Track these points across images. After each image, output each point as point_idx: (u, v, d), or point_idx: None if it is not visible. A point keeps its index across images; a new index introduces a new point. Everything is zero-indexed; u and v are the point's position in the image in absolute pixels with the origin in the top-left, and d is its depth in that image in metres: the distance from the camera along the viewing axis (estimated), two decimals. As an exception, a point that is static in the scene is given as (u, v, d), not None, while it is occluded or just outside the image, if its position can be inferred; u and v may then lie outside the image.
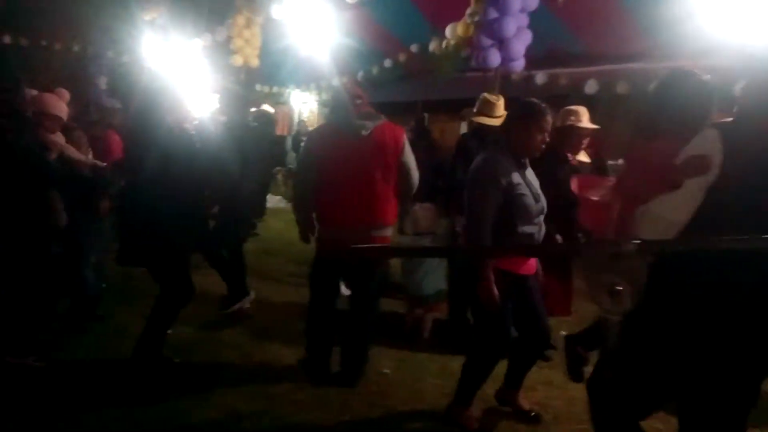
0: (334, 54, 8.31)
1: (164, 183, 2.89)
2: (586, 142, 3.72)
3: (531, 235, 2.72)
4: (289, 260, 6.31)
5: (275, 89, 12.80)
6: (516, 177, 2.67)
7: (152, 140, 2.89)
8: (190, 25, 8.99)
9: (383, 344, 4.02)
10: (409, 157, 3.31)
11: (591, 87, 7.73)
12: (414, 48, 9.08)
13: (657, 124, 2.08)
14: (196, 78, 10.65)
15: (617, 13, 7.28)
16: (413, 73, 10.15)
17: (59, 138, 3.73)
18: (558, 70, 9.08)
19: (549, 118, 2.72)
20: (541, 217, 2.79)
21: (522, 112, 2.77)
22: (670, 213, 1.79)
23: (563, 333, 3.46)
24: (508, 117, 2.91)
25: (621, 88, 7.46)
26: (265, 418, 2.99)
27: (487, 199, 2.65)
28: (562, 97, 8.61)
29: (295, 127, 13.27)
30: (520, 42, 4.59)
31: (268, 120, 7.82)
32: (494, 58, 4.57)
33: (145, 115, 2.98)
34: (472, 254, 2.84)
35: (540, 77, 8.06)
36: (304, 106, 14.03)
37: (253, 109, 9.42)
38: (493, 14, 4.51)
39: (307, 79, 11.79)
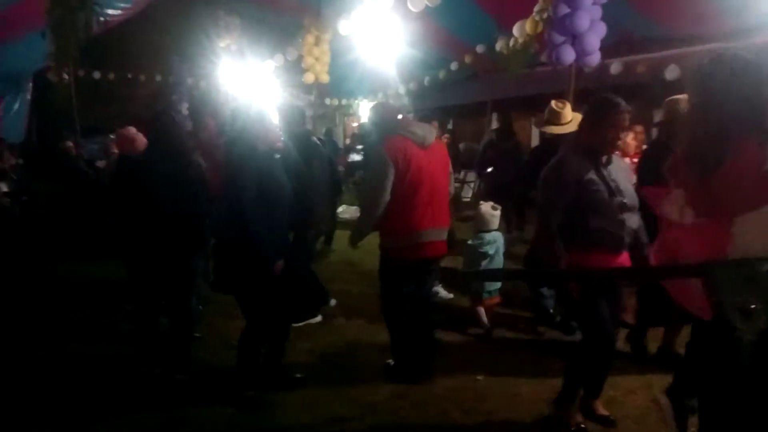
0: (400, 63, 8.41)
1: (261, 207, 3.01)
2: None
3: (607, 231, 2.69)
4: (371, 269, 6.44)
5: (344, 101, 13.10)
6: (590, 173, 2.68)
7: (249, 167, 3.01)
8: (263, 48, 9.38)
9: (472, 351, 4.05)
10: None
11: (672, 72, 7.36)
12: (480, 49, 9.03)
13: (724, 125, 1.75)
14: (270, 97, 11.14)
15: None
16: (481, 74, 10.10)
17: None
18: (635, 57, 8.73)
19: (622, 113, 2.67)
20: (627, 214, 2.72)
21: (591, 108, 2.78)
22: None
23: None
24: (583, 115, 2.88)
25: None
26: (367, 423, 3.08)
27: (553, 202, 2.73)
28: (641, 86, 8.30)
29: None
30: (595, 35, 4.47)
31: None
32: (568, 55, 4.47)
33: (239, 143, 3.11)
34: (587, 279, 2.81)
35: (615, 66, 7.78)
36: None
37: (354, 125, 9.75)
38: (564, 10, 4.42)
39: (374, 89, 11.97)
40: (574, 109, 4.76)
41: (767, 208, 1.62)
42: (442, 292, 5.15)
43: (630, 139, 5.18)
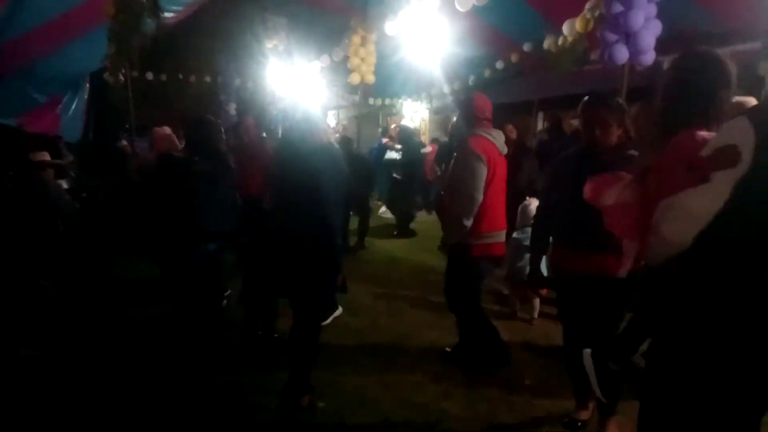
0: (446, 62, 8.39)
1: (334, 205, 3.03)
2: None
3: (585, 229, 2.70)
4: (415, 267, 6.47)
5: (387, 101, 13.14)
6: (573, 170, 2.69)
7: (303, 164, 3.01)
8: (310, 48, 9.51)
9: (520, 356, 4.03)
10: None
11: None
12: (527, 47, 8.91)
13: (678, 112, 1.92)
14: (317, 96, 11.29)
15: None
16: (527, 72, 9.96)
17: None
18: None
19: (608, 111, 2.67)
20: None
21: (583, 106, 2.78)
22: (695, 208, 1.65)
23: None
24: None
25: (763, 69, 6.79)
26: (418, 423, 3.11)
27: (550, 194, 2.93)
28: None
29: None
30: (650, 33, 4.35)
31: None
32: (621, 54, 4.37)
33: (294, 142, 3.15)
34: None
35: (668, 63, 7.53)
36: (416, 115, 14.25)
37: (393, 125, 9.88)
38: (618, 8, 4.31)
39: (418, 89, 11.96)
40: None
41: (683, 194, 1.68)
42: None
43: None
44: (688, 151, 1.76)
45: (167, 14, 9.63)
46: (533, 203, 4.71)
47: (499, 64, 9.59)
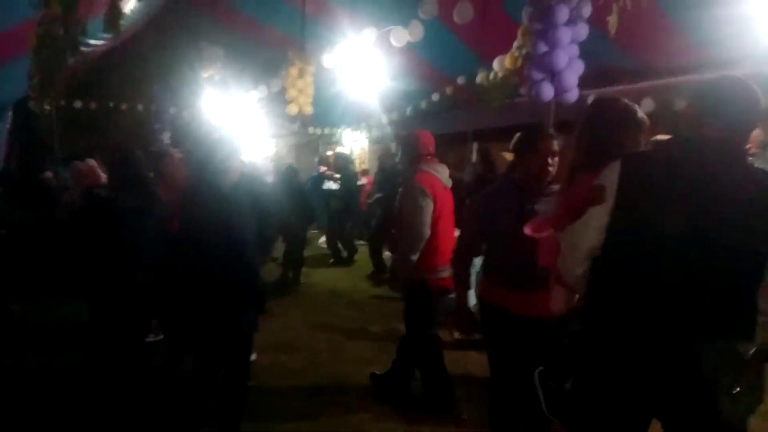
0: (383, 95, 8.53)
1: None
2: None
3: (515, 267, 2.68)
4: (349, 300, 6.42)
5: (327, 130, 13.20)
6: (509, 206, 2.68)
7: (220, 205, 2.89)
8: (247, 79, 9.45)
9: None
10: None
11: (647, 105, 7.56)
12: (460, 80, 9.21)
13: (583, 154, 2.13)
14: (254, 126, 11.18)
15: (668, 27, 7.17)
16: (462, 104, 10.27)
17: None
18: (612, 88, 8.97)
19: (552, 142, 2.67)
20: None
21: (521, 142, 2.82)
22: (577, 240, 1.90)
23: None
24: (514, 149, 2.97)
25: (679, 104, 7.28)
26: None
27: (472, 229, 2.83)
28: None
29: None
30: (573, 73, 4.59)
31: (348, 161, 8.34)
32: (547, 92, 4.58)
33: (207, 179, 2.98)
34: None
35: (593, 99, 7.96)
36: (356, 144, 14.36)
37: (329, 153, 9.87)
38: (542, 48, 4.54)
39: (357, 119, 12.09)
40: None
41: (565, 231, 1.95)
42: None
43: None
44: (576, 195, 1.97)
45: (98, 42, 9.39)
46: None
47: (435, 96, 9.84)
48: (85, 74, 10.45)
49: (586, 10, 4.47)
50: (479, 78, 8.15)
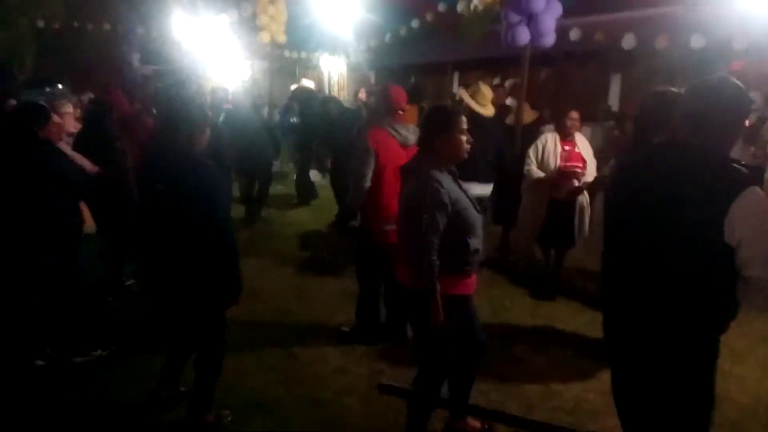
0: (361, 21, 8.21)
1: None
2: None
3: (478, 250, 2.57)
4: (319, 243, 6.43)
5: (303, 55, 12.75)
6: (458, 192, 2.53)
7: (191, 183, 2.62)
8: (216, 1, 8.99)
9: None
10: None
11: (628, 42, 7.43)
12: (441, 7, 8.89)
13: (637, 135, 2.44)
14: (226, 50, 10.75)
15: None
16: (443, 31, 9.95)
17: (65, 147, 3.93)
18: (594, 18, 8.73)
19: (462, 117, 2.56)
20: (482, 226, 2.66)
21: (435, 120, 2.57)
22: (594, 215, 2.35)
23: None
24: (423, 128, 2.64)
25: (660, 42, 7.16)
26: (315, 425, 3.17)
27: (438, 220, 2.46)
28: (599, 52, 8.37)
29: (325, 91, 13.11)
30: (550, 16, 4.45)
31: (310, 96, 7.79)
32: (523, 35, 4.46)
33: (172, 153, 2.70)
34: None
35: (574, 33, 7.78)
36: (333, 70, 13.94)
37: (293, 86, 9.45)
38: (520, -11, 4.38)
39: (335, 45, 11.68)
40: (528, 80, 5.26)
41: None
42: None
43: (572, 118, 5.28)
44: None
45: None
46: None
47: (415, 23, 9.51)
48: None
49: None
50: (460, 6, 7.87)
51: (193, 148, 2.67)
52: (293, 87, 8.98)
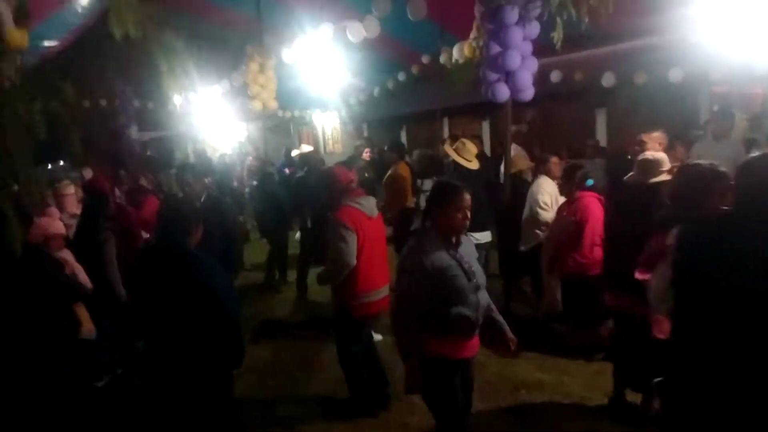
0: (349, 81, 8.47)
1: None
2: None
3: (465, 316, 2.69)
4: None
5: (297, 113, 13.07)
6: (447, 259, 2.67)
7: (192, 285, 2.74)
8: (209, 73, 9.28)
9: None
10: None
11: (608, 80, 7.64)
12: (425, 59, 9.13)
13: (687, 210, 2.61)
14: (221, 117, 11.06)
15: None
16: (431, 79, 10.19)
17: (68, 255, 4.11)
18: (573, 55, 8.94)
19: (465, 195, 2.70)
20: (480, 293, 2.77)
21: (435, 193, 2.80)
22: (655, 284, 2.58)
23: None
24: (428, 200, 2.84)
25: (639, 78, 7.37)
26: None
27: (417, 286, 2.64)
28: (580, 91, 8.57)
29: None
30: (527, 72, 4.61)
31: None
32: (502, 92, 4.61)
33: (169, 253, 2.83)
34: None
35: (555, 75, 8.00)
36: (327, 124, 14.26)
37: (294, 152, 9.70)
38: (495, 49, 4.55)
39: (326, 102, 11.99)
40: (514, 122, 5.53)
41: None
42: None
43: (554, 162, 5.47)
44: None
45: (51, 42, 9.12)
46: None
47: (401, 76, 9.77)
48: (43, 74, 10.16)
49: (535, 9, 4.46)
50: (442, 58, 8.10)
51: (189, 246, 2.80)
52: (294, 153, 9.28)
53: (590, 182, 4.55)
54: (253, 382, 4.58)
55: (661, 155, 3.77)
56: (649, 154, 3.75)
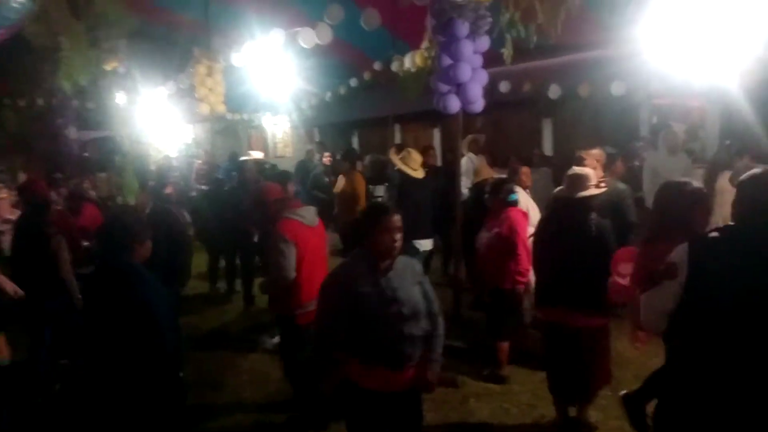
0: (300, 85, 8.37)
1: None
2: None
3: (384, 345, 2.59)
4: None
5: (245, 116, 12.84)
6: (364, 284, 2.59)
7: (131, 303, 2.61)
8: (155, 73, 8.99)
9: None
10: None
11: (554, 92, 7.85)
12: (377, 65, 9.14)
13: (671, 229, 2.64)
14: (167, 118, 10.70)
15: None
16: (383, 84, 10.21)
17: None
18: (521, 66, 9.15)
19: (394, 217, 2.62)
20: (408, 323, 2.62)
21: (365, 217, 2.76)
22: (657, 304, 2.32)
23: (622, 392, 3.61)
24: (359, 223, 2.81)
25: (583, 90, 7.60)
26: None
27: (334, 308, 2.62)
28: (528, 100, 8.78)
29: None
30: (477, 84, 4.68)
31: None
32: (453, 104, 4.67)
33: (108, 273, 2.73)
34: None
35: (504, 85, 8.15)
36: (277, 128, 14.07)
37: (243, 158, 9.50)
38: (447, 61, 4.59)
39: (276, 106, 11.82)
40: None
41: (647, 294, 2.38)
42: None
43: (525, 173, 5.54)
44: (655, 263, 2.39)
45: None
46: None
47: (353, 82, 9.75)
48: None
49: (486, 23, 4.53)
50: (394, 66, 8.12)
51: (131, 259, 2.68)
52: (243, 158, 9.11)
53: (513, 197, 4.59)
54: (198, 394, 4.43)
55: (588, 170, 3.88)
56: (577, 169, 3.84)
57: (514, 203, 4.58)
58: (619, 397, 3.59)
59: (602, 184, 4.04)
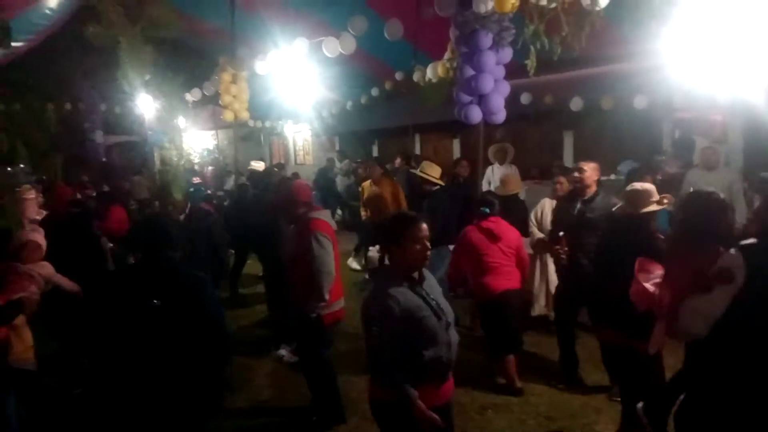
0: (322, 95, 8.47)
1: None
2: None
3: (440, 359, 2.47)
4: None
5: (268, 123, 12.99)
6: (414, 299, 2.47)
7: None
8: (181, 79, 9.16)
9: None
10: None
11: (576, 104, 7.84)
12: (398, 75, 9.21)
13: (701, 237, 2.62)
14: (189, 124, 10.90)
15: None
16: (402, 96, 10.28)
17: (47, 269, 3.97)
18: (543, 78, 9.15)
19: (421, 225, 2.52)
20: (449, 331, 2.54)
21: (390, 229, 2.57)
22: (710, 310, 2.30)
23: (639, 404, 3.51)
24: (383, 239, 2.63)
25: (605, 103, 7.58)
26: None
27: (391, 334, 2.41)
28: (550, 113, 8.77)
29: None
30: (499, 95, 4.69)
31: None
32: (475, 115, 4.68)
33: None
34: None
35: (525, 97, 8.17)
36: (298, 135, 14.22)
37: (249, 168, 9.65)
38: (469, 72, 4.61)
39: (298, 114, 11.96)
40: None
41: (694, 298, 2.37)
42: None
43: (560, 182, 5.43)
44: (701, 267, 2.41)
45: (17, 43, 8.85)
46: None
47: (374, 91, 9.82)
48: (5, 75, 9.89)
49: (509, 35, 4.54)
50: (416, 76, 8.18)
51: (175, 261, 2.79)
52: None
53: (486, 210, 4.63)
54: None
55: (650, 186, 3.73)
56: (638, 185, 3.72)
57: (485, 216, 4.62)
58: (639, 409, 3.51)
59: (665, 201, 3.80)
